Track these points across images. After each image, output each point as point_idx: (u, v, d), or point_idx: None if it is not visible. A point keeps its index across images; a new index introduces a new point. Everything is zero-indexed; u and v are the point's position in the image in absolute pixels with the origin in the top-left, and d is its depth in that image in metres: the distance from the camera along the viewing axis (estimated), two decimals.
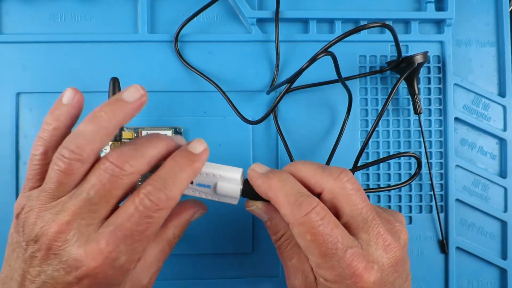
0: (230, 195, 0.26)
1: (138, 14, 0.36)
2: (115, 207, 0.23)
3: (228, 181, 0.25)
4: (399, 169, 0.37)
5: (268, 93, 0.36)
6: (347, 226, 0.24)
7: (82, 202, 0.22)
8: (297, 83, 0.35)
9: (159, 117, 0.36)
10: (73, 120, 0.24)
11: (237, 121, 0.35)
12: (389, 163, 0.37)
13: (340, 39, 0.28)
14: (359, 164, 0.34)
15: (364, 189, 0.26)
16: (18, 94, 0.35)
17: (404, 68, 0.34)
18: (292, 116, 0.36)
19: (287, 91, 0.32)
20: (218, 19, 0.37)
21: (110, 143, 0.33)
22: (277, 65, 0.36)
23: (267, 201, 0.26)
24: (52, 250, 0.21)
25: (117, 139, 0.33)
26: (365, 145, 0.33)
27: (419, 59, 0.34)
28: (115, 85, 0.32)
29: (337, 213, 0.24)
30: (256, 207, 0.27)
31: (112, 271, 0.22)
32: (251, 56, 0.36)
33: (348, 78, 0.36)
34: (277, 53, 0.36)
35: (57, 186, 0.22)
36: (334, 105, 0.37)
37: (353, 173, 0.35)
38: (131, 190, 0.23)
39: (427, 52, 0.34)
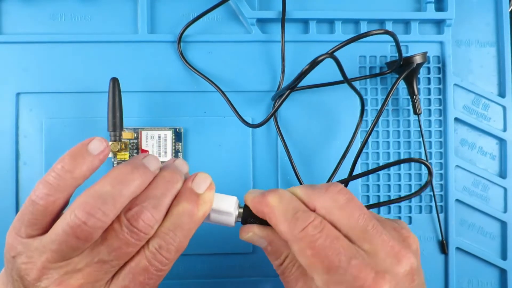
0: (224, 223, 0.26)
1: (138, 14, 0.36)
2: None
3: (220, 213, 0.25)
4: (399, 169, 0.37)
5: (272, 99, 0.36)
6: (348, 239, 0.22)
7: (99, 264, 0.21)
8: (299, 85, 0.35)
9: (159, 117, 0.36)
10: (91, 174, 0.22)
11: (237, 122, 0.35)
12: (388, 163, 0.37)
13: (341, 46, 0.28)
14: (357, 163, 0.33)
15: (368, 204, 0.25)
16: (18, 94, 0.35)
17: (403, 68, 0.34)
18: (293, 117, 0.36)
19: (288, 95, 0.32)
20: (218, 19, 0.37)
21: (110, 143, 0.33)
22: (283, 71, 0.36)
23: (263, 225, 0.25)
24: None
25: (117, 139, 0.33)
26: (363, 144, 0.33)
27: (417, 59, 0.34)
28: (115, 85, 0.32)
29: (335, 228, 0.23)
30: (253, 233, 0.25)
31: None
32: (251, 56, 0.36)
33: (350, 81, 0.36)
34: (283, 60, 0.35)
35: (69, 251, 0.20)
36: (335, 107, 0.37)
37: (353, 171, 0.35)
38: None
39: (426, 52, 0.34)
